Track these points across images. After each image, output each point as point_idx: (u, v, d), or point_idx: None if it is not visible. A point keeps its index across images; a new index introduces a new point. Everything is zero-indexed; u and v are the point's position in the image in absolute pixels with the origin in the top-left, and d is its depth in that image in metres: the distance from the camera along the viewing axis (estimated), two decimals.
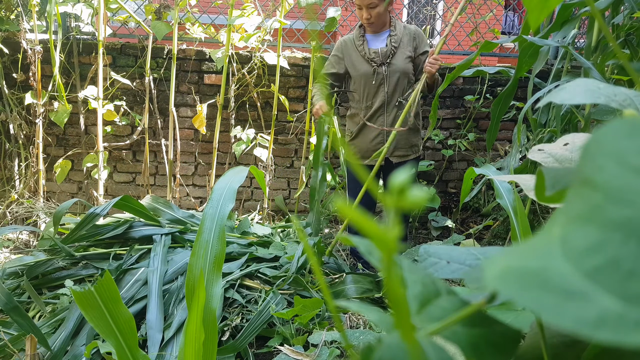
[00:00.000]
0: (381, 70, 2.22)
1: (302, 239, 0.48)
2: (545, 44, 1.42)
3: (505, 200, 1.09)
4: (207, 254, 0.99)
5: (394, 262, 0.21)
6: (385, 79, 2.23)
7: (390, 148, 2.29)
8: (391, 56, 2.22)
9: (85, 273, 1.91)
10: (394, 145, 2.29)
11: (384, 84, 2.23)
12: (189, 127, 3.08)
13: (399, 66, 2.22)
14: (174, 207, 2.25)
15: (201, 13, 3.08)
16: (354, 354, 0.30)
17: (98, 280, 0.93)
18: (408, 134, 2.31)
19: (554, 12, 2.26)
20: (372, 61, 2.22)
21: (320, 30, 2.89)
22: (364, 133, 2.32)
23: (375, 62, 2.22)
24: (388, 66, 2.22)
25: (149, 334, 1.56)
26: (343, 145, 2.60)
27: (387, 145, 1.99)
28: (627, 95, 0.39)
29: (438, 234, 3.02)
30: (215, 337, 0.91)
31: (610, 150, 0.21)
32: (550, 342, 0.35)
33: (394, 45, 2.22)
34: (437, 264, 0.40)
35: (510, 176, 0.51)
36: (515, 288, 0.18)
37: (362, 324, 1.74)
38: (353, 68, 2.28)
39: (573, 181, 0.22)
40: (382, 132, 2.27)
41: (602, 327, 0.16)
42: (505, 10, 4.53)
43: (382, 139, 2.28)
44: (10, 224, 2.70)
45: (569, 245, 0.19)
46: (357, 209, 0.20)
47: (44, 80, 2.82)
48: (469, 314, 0.30)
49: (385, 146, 1.99)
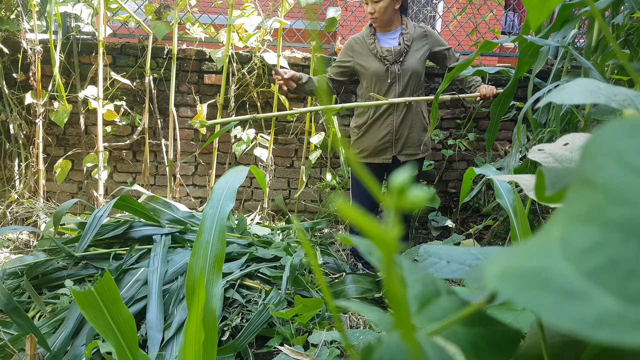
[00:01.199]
0: (394, 68, 2.21)
1: (302, 239, 0.48)
2: (545, 44, 1.42)
3: (505, 200, 1.09)
4: (207, 254, 0.98)
5: (394, 262, 0.21)
6: (397, 78, 2.22)
7: (399, 146, 2.29)
8: (404, 54, 2.22)
9: (85, 273, 1.91)
10: (402, 143, 2.29)
11: (395, 83, 2.23)
12: (189, 127, 3.08)
13: (411, 65, 2.22)
14: (174, 207, 2.25)
15: (201, 13, 3.08)
16: (354, 354, 0.30)
17: (98, 280, 0.93)
18: (418, 132, 2.30)
19: (554, 12, 2.27)
20: (384, 59, 2.21)
21: (320, 30, 2.89)
22: (372, 131, 2.31)
23: (388, 61, 2.21)
24: (401, 65, 2.22)
25: (149, 334, 1.56)
26: (343, 145, 2.60)
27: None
28: (627, 95, 0.39)
29: (438, 234, 3.02)
30: (215, 337, 0.91)
31: (610, 150, 0.21)
32: (550, 342, 0.35)
33: (406, 44, 2.22)
34: (437, 264, 0.40)
35: (510, 176, 0.51)
36: (515, 288, 0.18)
37: (362, 324, 1.74)
38: (363, 66, 2.26)
39: (573, 181, 0.22)
40: (391, 130, 2.27)
41: (602, 327, 0.16)
42: (505, 10, 4.53)
43: (390, 137, 2.28)
44: (10, 224, 2.70)
45: (569, 245, 0.19)
46: (361, 209, 0.20)
47: (44, 80, 2.82)
48: (469, 314, 0.30)
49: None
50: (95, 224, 1.92)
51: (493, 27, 3.54)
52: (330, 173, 3.05)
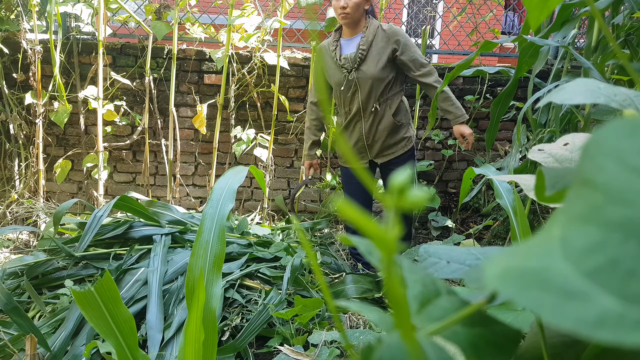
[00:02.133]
0: (352, 76, 2.12)
1: (302, 239, 0.48)
2: (545, 44, 1.42)
3: (505, 200, 1.09)
4: (207, 254, 0.98)
5: (394, 262, 0.21)
6: (359, 86, 2.12)
7: (374, 151, 2.25)
8: (359, 62, 2.09)
9: (85, 273, 1.91)
10: (378, 149, 2.24)
11: (357, 91, 2.13)
12: (189, 127, 3.08)
13: (370, 72, 2.08)
14: (173, 209, 2.25)
15: (201, 13, 3.08)
16: (354, 354, 0.30)
17: (98, 280, 0.93)
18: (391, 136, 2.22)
19: (553, 12, 2.26)
20: (343, 68, 2.13)
21: (320, 30, 2.89)
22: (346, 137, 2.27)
23: (346, 69, 2.12)
24: (357, 72, 2.10)
25: (149, 334, 1.56)
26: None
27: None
28: (627, 95, 0.39)
29: (438, 234, 3.02)
30: (215, 337, 0.91)
31: (610, 150, 0.21)
32: (550, 342, 0.35)
33: (361, 50, 2.08)
34: (437, 264, 0.40)
35: (510, 176, 0.51)
36: (515, 288, 0.18)
37: (362, 324, 1.74)
38: (328, 75, 2.20)
39: (573, 181, 0.22)
40: (360, 137, 2.22)
41: (602, 327, 0.16)
42: (505, 10, 4.53)
43: (362, 144, 2.25)
44: (10, 224, 2.70)
45: (569, 245, 0.19)
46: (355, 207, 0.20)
47: (44, 80, 2.82)
48: (469, 314, 0.30)
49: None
50: (95, 224, 1.92)
51: (493, 27, 3.54)
52: (330, 173, 3.05)
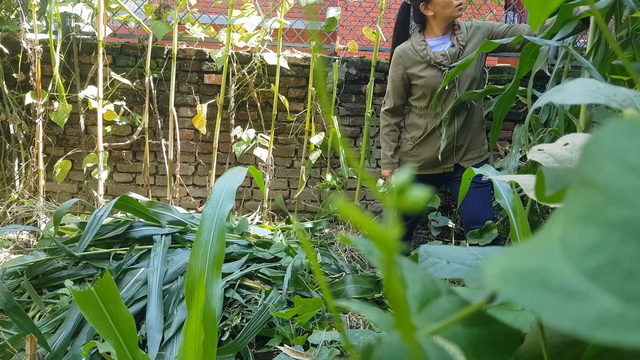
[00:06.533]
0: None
1: (303, 239, 0.48)
2: (545, 44, 1.42)
3: (505, 200, 1.09)
4: (206, 254, 0.98)
5: (394, 262, 0.21)
6: (457, 83, 2.05)
7: (460, 153, 2.15)
8: (460, 56, 2.05)
9: (85, 273, 1.91)
10: (465, 150, 2.14)
11: (455, 88, 2.06)
12: (189, 127, 3.08)
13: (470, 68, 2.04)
14: (174, 209, 2.25)
15: (201, 13, 3.08)
16: (354, 354, 0.30)
17: (98, 280, 0.93)
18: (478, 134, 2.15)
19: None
20: (441, 65, 2.05)
21: (320, 30, 2.89)
22: (430, 141, 2.16)
23: (445, 66, 2.05)
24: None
25: (149, 334, 1.56)
26: (344, 145, 2.58)
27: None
28: (627, 95, 0.39)
29: (438, 234, 3.02)
30: (215, 337, 0.91)
31: (610, 150, 0.21)
32: (550, 342, 0.35)
33: (461, 44, 2.05)
34: (437, 264, 0.40)
35: (510, 176, 0.51)
36: (515, 288, 0.18)
37: (362, 324, 1.74)
38: (417, 77, 2.10)
39: (573, 181, 0.22)
40: (452, 138, 2.10)
41: (602, 327, 0.16)
42: (505, 10, 4.53)
43: (452, 146, 2.12)
44: (10, 223, 2.70)
45: (569, 245, 0.19)
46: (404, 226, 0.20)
47: (44, 80, 2.82)
48: (469, 313, 0.30)
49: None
50: (95, 224, 1.92)
51: None
52: (330, 173, 3.05)
